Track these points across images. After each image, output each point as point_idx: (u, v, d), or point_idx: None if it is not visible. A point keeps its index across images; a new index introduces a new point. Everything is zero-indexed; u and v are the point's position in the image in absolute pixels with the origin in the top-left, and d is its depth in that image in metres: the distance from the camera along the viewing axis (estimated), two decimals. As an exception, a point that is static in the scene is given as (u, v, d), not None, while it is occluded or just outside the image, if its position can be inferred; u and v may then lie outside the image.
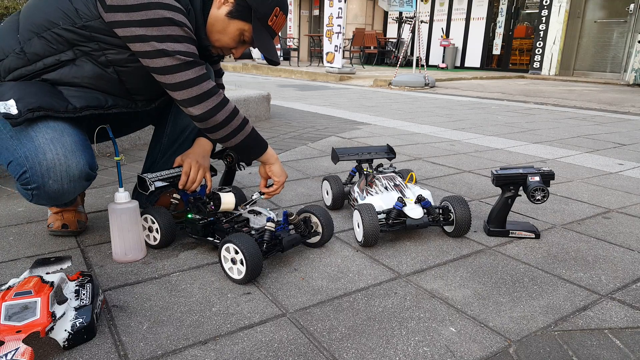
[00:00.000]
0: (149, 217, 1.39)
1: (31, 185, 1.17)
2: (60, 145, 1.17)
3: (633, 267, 1.36)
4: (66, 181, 1.18)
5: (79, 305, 1.00)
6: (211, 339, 0.98)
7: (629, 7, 9.47)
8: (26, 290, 0.95)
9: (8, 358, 0.84)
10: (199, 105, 1.25)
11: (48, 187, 1.17)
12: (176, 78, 1.20)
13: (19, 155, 1.17)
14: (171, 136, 1.64)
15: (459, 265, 1.35)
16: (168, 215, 1.40)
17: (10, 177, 2.09)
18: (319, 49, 12.50)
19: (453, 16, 12.72)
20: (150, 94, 1.41)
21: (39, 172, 1.15)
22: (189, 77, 1.21)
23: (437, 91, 7.03)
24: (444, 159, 2.67)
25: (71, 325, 0.95)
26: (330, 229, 1.42)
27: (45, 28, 1.18)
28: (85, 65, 1.22)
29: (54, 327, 0.92)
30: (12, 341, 0.87)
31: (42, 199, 1.22)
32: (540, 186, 1.43)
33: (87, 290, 1.06)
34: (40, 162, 1.15)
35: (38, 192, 1.18)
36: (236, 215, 1.44)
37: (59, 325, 0.94)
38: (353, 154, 1.80)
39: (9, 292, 0.95)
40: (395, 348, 0.96)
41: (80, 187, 1.24)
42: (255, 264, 1.18)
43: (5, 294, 0.94)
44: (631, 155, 2.91)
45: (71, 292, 1.04)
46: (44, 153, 1.15)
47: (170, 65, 1.18)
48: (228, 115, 1.30)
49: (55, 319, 0.93)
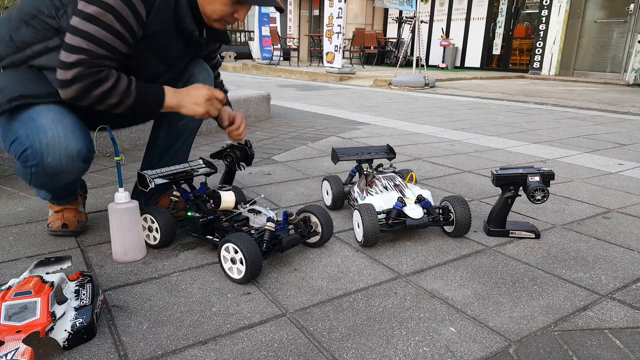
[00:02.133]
0: (149, 217, 1.39)
1: (30, 162, 1.21)
2: (61, 126, 1.20)
3: (633, 267, 1.36)
4: (65, 159, 1.21)
5: (79, 305, 1.00)
6: (211, 339, 0.98)
7: (629, 7, 9.46)
8: (26, 290, 0.95)
9: (8, 358, 0.84)
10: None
11: (47, 164, 1.20)
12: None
13: (20, 134, 1.21)
14: (166, 141, 1.64)
15: (459, 265, 1.35)
16: (167, 215, 1.40)
17: (10, 177, 2.10)
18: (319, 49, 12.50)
19: (453, 16, 12.72)
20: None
21: (38, 150, 1.19)
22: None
23: (437, 91, 7.03)
24: (444, 159, 2.67)
25: (71, 325, 0.95)
26: (329, 229, 1.42)
27: (33, 16, 1.22)
28: None
29: (54, 327, 0.92)
30: (12, 341, 0.87)
31: (41, 178, 1.24)
32: (540, 186, 1.43)
33: (87, 290, 1.06)
34: (41, 140, 1.18)
35: (37, 170, 1.22)
36: (236, 214, 1.44)
37: (59, 325, 0.94)
38: (353, 154, 1.80)
39: (8, 292, 0.95)
40: (395, 348, 0.96)
41: (77, 169, 1.27)
42: (255, 264, 1.18)
43: (5, 294, 0.95)
44: (631, 155, 2.91)
45: (71, 292, 1.04)
46: (45, 132, 1.19)
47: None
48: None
49: (55, 319, 0.93)
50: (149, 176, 1.44)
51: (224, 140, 3.12)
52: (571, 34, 10.39)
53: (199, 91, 1.35)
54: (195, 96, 1.34)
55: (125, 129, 2.70)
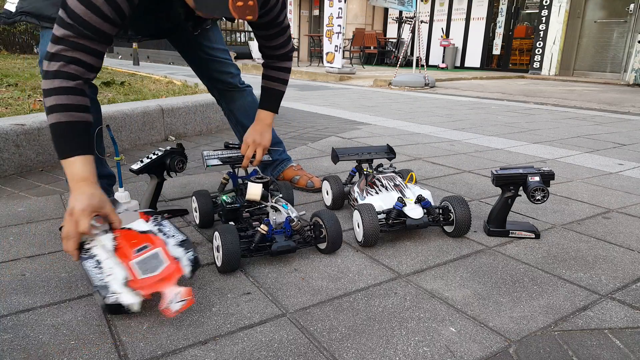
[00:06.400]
0: (194, 198, 1.55)
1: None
2: None
3: (633, 267, 1.36)
4: None
5: (179, 240, 1.12)
6: (211, 339, 0.98)
7: (629, 7, 9.47)
8: (143, 245, 1.07)
9: (176, 300, 0.96)
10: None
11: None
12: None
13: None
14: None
15: (459, 265, 1.35)
16: (207, 198, 1.53)
17: (10, 177, 2.10)
18: (319, 49, 12.49)
19: (453, 16, 12.72)
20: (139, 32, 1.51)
21: None
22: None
23: (437, 91, 7.03)
24: (444, 159, 2.67)
25: (187, 259, 1.09)
26: (335, 236, 1.35)
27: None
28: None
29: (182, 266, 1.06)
30: (169, 288, 0.99)
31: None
32: (540, 186, 1.43)
33: (168, 226, 1.17)
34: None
35: None
36: (259, 207, 1.46)
37: (182, 263, 1.07)
38: (353, 154, 1.80)
39: (124, 252, 1.05)
40: (395, 348, 0.96)
41: None
42: (231, 257, 1.22)
43: (123, 254, 1.05)
44: (631, 155, 2.91)
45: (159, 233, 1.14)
46: None
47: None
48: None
49: (178, 259, 1.07)
50: (205, 156, 1.59)
51: (224, 140, 3.12)
52: (571, 34, 10.39)
53: (81, 200, 1.07)
54: (70, 202, 1.09)
55: (125, 129, 2.70)
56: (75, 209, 1.06)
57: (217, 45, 1.86)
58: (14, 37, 12.33)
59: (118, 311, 1.03)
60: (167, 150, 1.56)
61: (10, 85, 3.74)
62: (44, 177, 2.13)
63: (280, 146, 2.07)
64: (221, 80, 1.91)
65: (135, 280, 1.01)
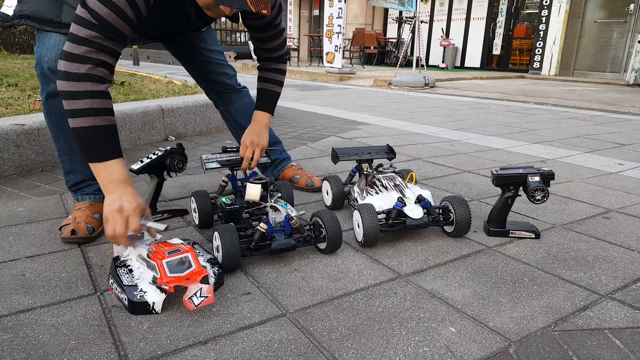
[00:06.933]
0: (193, 199, 1.56)
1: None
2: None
3: (633, 267, 1.36)
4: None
5: (206, 258, 1.23)
6: (211, 339, 0.98)
7: (629, 7, 9.46)
8: (175, 249, 1.15)
9: (198, 295, 1.03)
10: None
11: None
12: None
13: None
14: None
15: (459, 265, 1.35)
16: (206, 199, 1.54)
17: (10, 177, 2.10)
18: (319, 49, 12.50)
19: (453, 16, 12.72)
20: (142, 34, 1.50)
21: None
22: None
23: (437, 91, 7.03)
24: (444, 159, 2.67)
25: (213, 272, 1.17)
26: (334, 236, 1.36)
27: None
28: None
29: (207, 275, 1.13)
30: (193, 284, 1.06)
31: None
32: (540, 186, 1.43)
33: (198, 248, 1.29)
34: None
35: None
36: (259, 207, 1.47)
37: (209, 272, 1.16)
38: (353, 154, 1.80)
39: (159, 254, 1.13)
40: (395, 348, 0.96)
41: None
42: (230, 258, 1.23)
43: (157, 256, 1.12)
44: (631, 155, 2.91)
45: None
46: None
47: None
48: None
49: (207, 268, 1.16)
50: (204, 160, 1.60)
51: (224, 140, 3.12)
52: (571, 34, 10.39)
53: (118, 202, 1.16)
54: (113, 201, 1.17)
55: (125, 129, 2.70)
56: (125, 208, 1.16)
57: (213, 47, 1.86)
58: (14, 37, 12.34)
59: (144, 311, 1.06)
60: (167, 150, 1.57)
61: (10, 85, 3.75)
62: (44, 177, 2.13)
63: (278, 146, 2.07)
64: (218, 82, 1.91)
65: (163, 277, 1.09)
